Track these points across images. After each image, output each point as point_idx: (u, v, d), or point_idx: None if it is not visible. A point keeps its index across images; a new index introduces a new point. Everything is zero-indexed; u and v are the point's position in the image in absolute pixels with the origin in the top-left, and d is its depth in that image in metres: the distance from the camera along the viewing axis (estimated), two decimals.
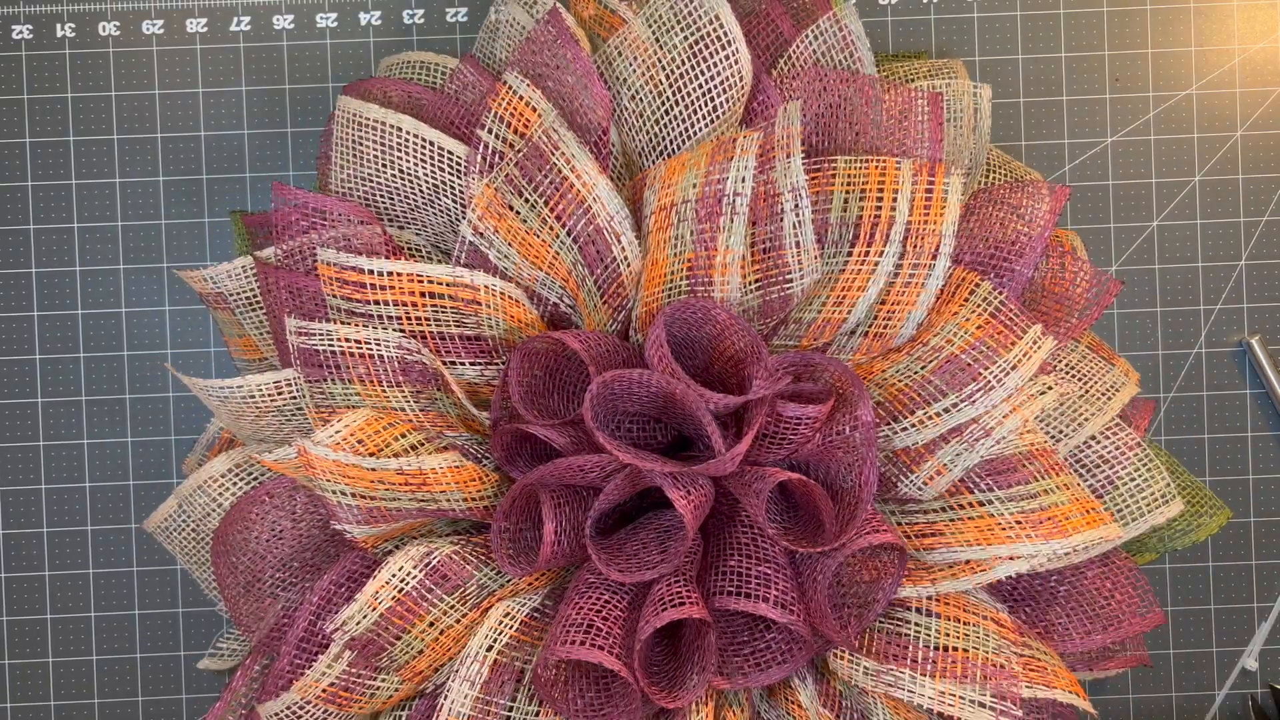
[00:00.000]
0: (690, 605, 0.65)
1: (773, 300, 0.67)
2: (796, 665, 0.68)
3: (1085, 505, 0.67)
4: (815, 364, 0.67)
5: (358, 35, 0.78)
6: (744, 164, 0.65)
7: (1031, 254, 0.70)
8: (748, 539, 0.68)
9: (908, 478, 0.67)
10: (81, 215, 0.78)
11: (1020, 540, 0.66)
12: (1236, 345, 0.78)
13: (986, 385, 0.66)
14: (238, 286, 0.72)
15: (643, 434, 0.71)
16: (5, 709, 0.78)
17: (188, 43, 0.78)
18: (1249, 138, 0.78)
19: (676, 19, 0.69)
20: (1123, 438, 0.71)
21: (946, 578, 0.67)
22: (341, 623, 0.66)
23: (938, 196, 0.67)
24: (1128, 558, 0.72)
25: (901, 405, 0.67)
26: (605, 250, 0.67)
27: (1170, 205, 0.78)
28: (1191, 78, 0.78)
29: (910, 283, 0.67)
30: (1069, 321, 0.71)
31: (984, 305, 0.68)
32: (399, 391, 0.68)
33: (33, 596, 0.78)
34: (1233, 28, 0.78)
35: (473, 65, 0.72)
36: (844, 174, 0.68)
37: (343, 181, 0.71)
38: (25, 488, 0.78)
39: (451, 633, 0.68)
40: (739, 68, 0.68)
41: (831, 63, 0.71)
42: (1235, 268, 0.78)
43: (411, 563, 0.66)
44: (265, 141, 0.78)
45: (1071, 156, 0.78)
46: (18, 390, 0.78)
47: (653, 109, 0.69)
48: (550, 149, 0.67)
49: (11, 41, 0.78)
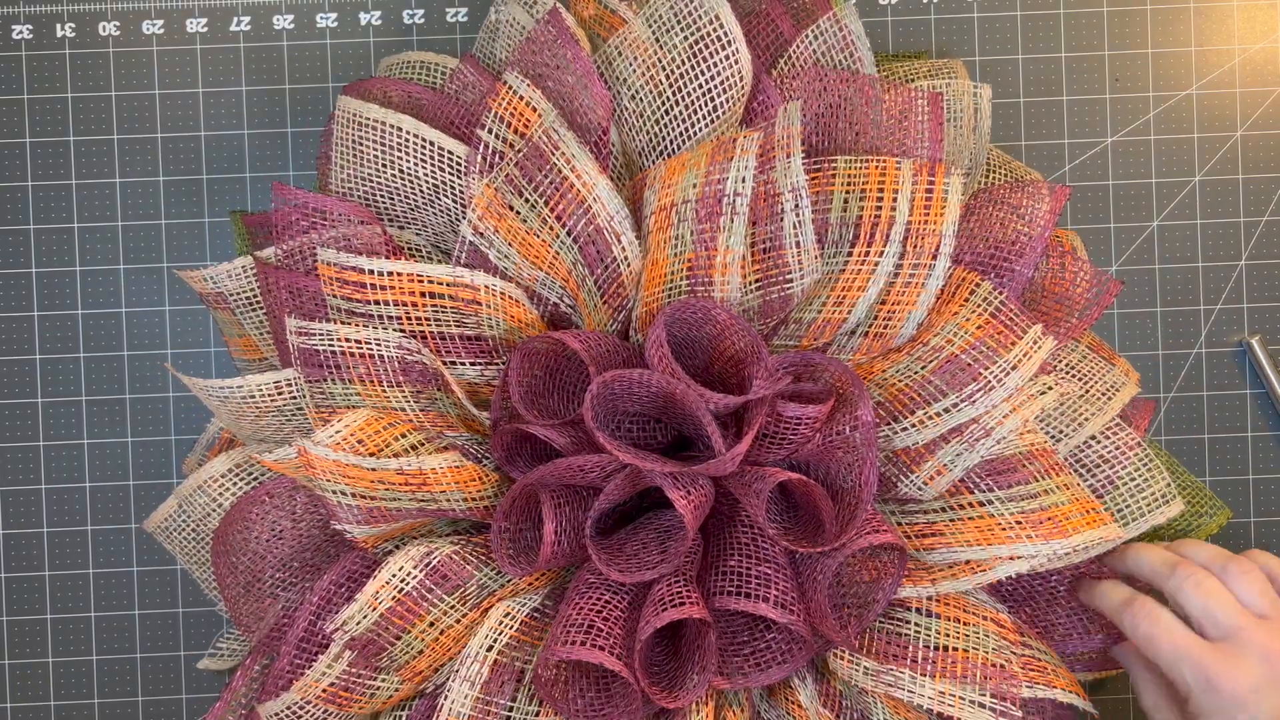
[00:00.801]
0: (690, 605, 0.65)
1: (773, 300, 0.67)
2: (796, 665, 0.68)
3: (1085, 505, 0.67)
4: (815, 364, 0.67)
5: (358, 35, 0.78)
6: (744, 164, 0.65)
7: (1032, 254, 0.70)
8: (748, 539, 0.68)
9: (908, 478, 0.67)
10: (81, 215, 0.78)
11: (1021, 540, 0.66)
12: (1236, 345, 0.78)
13: (987, 385, 0.66)
14: (238, 286, 0.72)
15: (643, 434, 0.71)
16: (5, 709, 0.78)
17: (188, 43, 0.78)
18: (1249, 138, 0.78)
19: (676, 19, 0.69)
20: (1123, 438, 0.71)
21: (946, 578, 0.67)
22: (341, 623, 0.66)
23: (938, 196, 0.67)
24: None
25: (902, 405, 0.67)
26: (605, 250, 0.67)
27: (1170, 205, 0.78)
28: (1191, 78, 0.78)
29: (910, 283, 0.67)
30: (1069, 321, 0.71)
31: (984, 305, 0.68)
32: (399, 391, 0.68)
33: (33, 596, 0.78)
34: (1233, 28, 0.78)
35: (473, 65, 0.72)
36: (844, 174, 0.68)
37: (343, 181, 0.71)
38: (25, 488, 0.78)
39: (452, 633, 0.68)
40: (739, 68, 0.68)
41: (832, 63, 0.71)
42: (1235, 268, 0.78)
43: (411, 563, 0.66)
44: (265, 141, 0.78)
45: (1071, 156, 0.78)
46: (18, 390, 0.78)
47: (653, 109, 0.69)
48: (550, 149, 0.67)
49: (11, 41, 0.78)
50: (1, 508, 0.78)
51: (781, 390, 0.65)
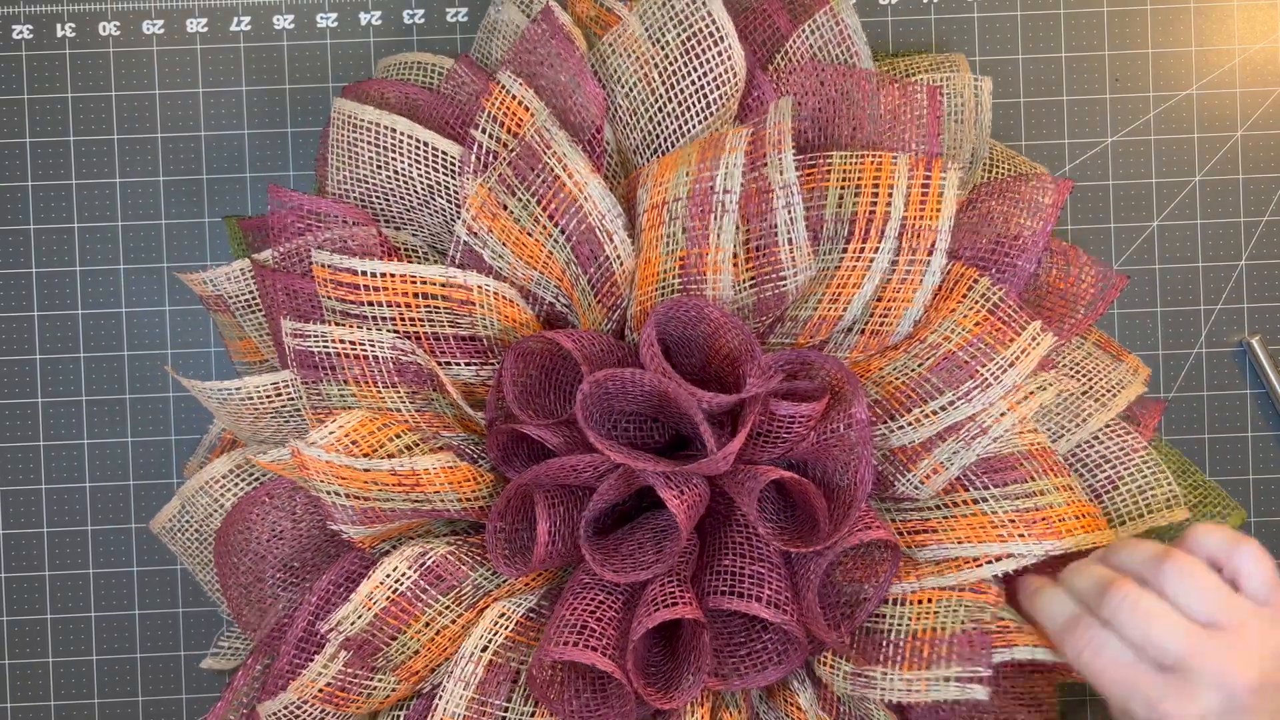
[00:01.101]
0: (684, 605, 0.65)
1: (767, 298, 0.66)
2: (792, 666, 0.67)
3: (1081, 509, 0.66)
4: (810, 361, 0.67)
5: (358, 35, 0.78)
6: (733, 161, 0.65)
7: (1034, 248, 0.70)
8: (742, 539, 0.68)
9: (904, 476, 0.67)
10: (81, 215, 0.78)
11: (1013, 539, 0.65)
12: (1236, 345, 0.77)
13: (984, 383, 0.66)
14: (237, 289, 0.72)
15: (640, 433, 0.70)
16: (5, 709, 0.78)
17: (188, 43, 0.78)
18: (1249, 138, 0.78)
19: (670, 16, 0.68)
20: (1128, 440, 0.71)
21: (932, 574, 0.67)
22: (336, 623, 0.66)
23: (934, 192, 0.67)
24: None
25: (898, 403, 0.67)
26: (598, 249, 0.67)
27: (1170, 205, 0.78)
28: (1191, 78, 0.78)
29: (906, 279, 0.67)
30: (1074, 317, 0.71)
31: (982, 301, 0.67)
32: (394, 392, 0.68)
33: (33, 596, 0.78)
34: (1233, 28, 0.78)
35: (468, 65, 0.72)
36: (839, 169, 0.68)
37: (339, 183, 0.71)
38: (25, 488, 0.78)
39: (447, 633, 0.68)
40: (732, 64, 0.68)
41: (828, 58, 0.71)
42: (1235, 268, 0.77)
43: (406, 563, 0.66)
44: (265, 141, 0.78)
45: (1071, 156, 0.78)
46: (18, 390, 0.78)
47: (647, 106, 0.69)
48: (542, 148, 0.67)
49: (11, 41, 0.78)
50: (1, 508, 0.78)
51: (775, 389, 0.65)
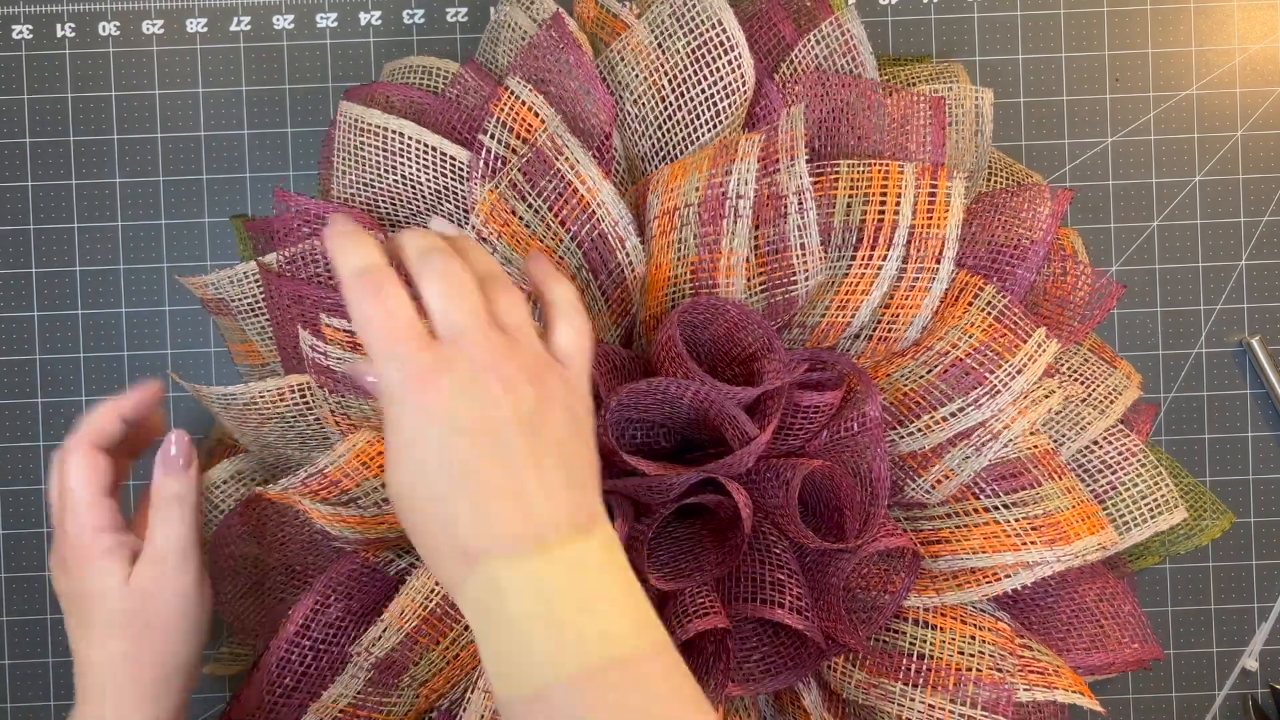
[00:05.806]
0: (714, 615, 0.65)
1: (778, 302, 0.67)
2: (806, 670, 0.68)
3: (1085, 510, 0.67)
4: (824, 360, 0.67)
5: (358, 35, 0.78)
6: (746, 167, 0.65)
7: (1033, 258, 0.70)
8: (761, 546, 0.68)
9: (915, 482, 0.67)
10: (81, 215, 0.77)
11: (1026, 548, 0.66)
12: (1236, 345, 0.78)
13: (993, 389, 0.66)
14: (239, 292, 0.72)
15: (647, 439, 0.71)
16: (5, 709, 0.78)
17: (188, 43, 0.78)
18: (1249, 138, 0.78)
19: (678, 24, 0.68)
20: (1126, 444, 0.71)
21: (951, 588, 0.67)
22: (368, 644, 0.66)
23: (940, 200, 0.67)
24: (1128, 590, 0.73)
25: (907, 410, 0.67)
26: (609, 255, 0.67)
27: (1170, 205, 0.78)
28: (1191, 78, 0.78)
29: (914, 286, 0.67)
30: (1071, 325, 0.71)
31: (988, 309, 0.68)
32: None
33: (33, 596, 0.78)
34: (1233, 28, 0.78)
35: (474, 70, 0.72)
36: (847, 178, 0.68)
37: (345, 187, 0.71)
38: (25, 488, 0.78)
39: (471, 649, 0.68)
40: (742, 73, 0.68)
41: (834, 67, 0.71)
42: (1235, 268, 0.78)
43: (434, 581, 0.66)
44: (265, 142, 0.78)
45: (1071, 156, 0.78)
46: (18, 390, 0.77)
47: (655, 114, 0.69)
48: (555, 153, 0.67)
49: (11, 41, 0.77)
50: (1, 508, 0.78)
51: (798, 379, 0.65)
